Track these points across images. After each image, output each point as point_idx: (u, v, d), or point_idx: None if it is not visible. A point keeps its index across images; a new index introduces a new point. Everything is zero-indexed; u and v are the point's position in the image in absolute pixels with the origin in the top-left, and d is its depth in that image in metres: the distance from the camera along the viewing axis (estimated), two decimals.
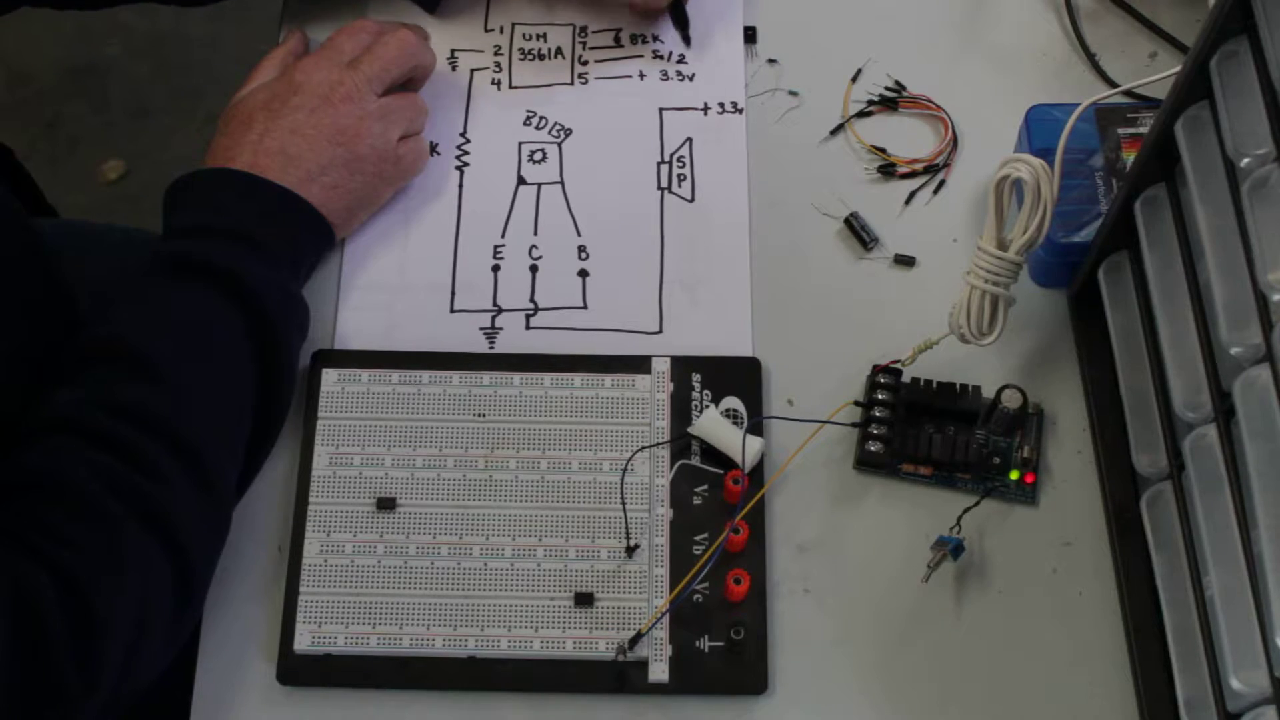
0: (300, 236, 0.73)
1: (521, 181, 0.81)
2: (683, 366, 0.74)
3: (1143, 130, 0.74)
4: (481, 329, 0.77)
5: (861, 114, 0.83)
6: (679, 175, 0.81)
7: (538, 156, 0.82)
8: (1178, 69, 0.61)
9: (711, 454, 0.72)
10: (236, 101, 0.77)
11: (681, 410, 0.73)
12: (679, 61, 0.85)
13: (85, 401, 0.64)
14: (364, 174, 0.75)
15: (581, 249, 0.79)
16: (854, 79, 0.84)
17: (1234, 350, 0.57)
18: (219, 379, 0.68)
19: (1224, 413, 0.59)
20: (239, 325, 0.68)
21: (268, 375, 0.69)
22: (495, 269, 0.78)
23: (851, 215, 0.79)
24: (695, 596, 0.69)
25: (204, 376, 0.67)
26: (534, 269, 0.78)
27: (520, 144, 0.82)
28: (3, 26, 1.72)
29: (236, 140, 0.74)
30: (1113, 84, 0.82)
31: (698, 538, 0.70)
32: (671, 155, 0.82)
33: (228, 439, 0.67)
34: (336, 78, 0.75)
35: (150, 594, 0.62)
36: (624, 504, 0.70)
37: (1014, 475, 0.71)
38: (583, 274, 0.78)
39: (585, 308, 0.77)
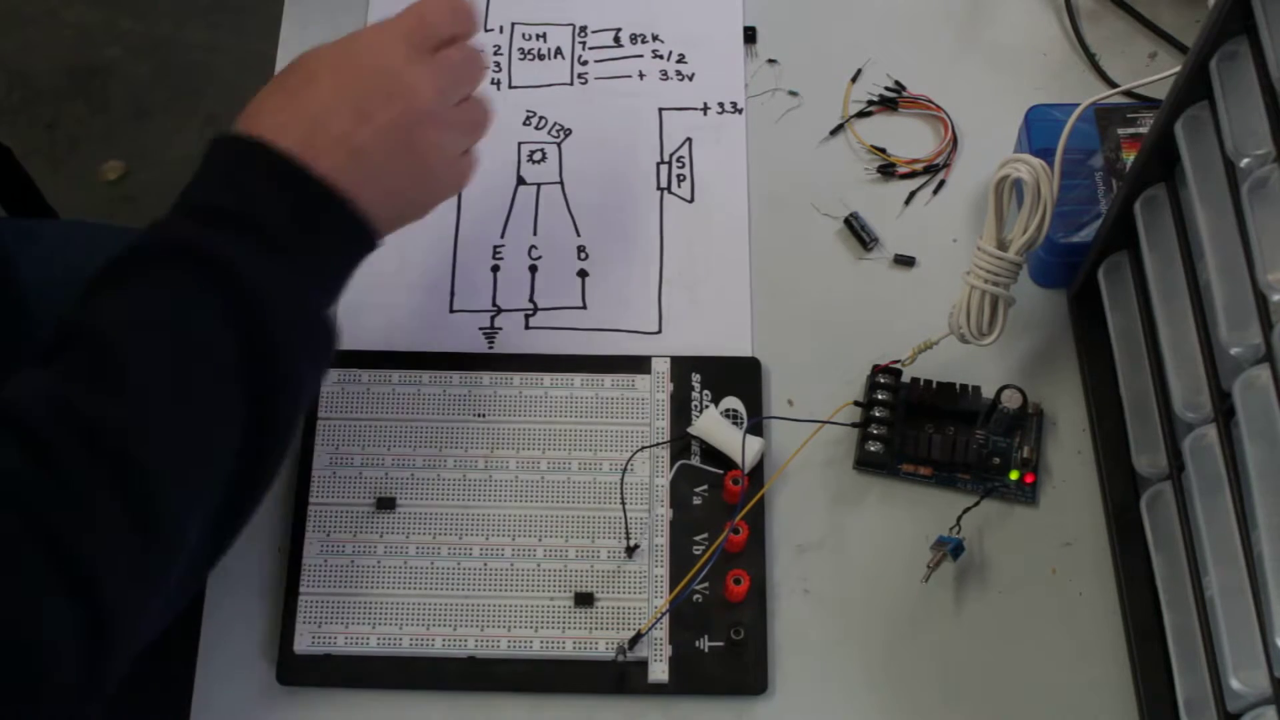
0: (341, 251, 0.62)
1: (521, 181, 0.81)
2: (682, 367, 0.74)
3: (1143, 130, 0.74)
4: (481, 329, 0.77)
5: (861, 114, 0.83)
6: (679, 175, 0.81)
7: (537, 156, 0.82)
8: (1178, 69, 0.61)
9: (711, 454, 0.72)
10: (303, 54, 0.63)
11: (681, 410, 0.73)
12: (679, 61, 0.85)
13: (38, 396, 0.52)
14: (421, 188, 0.65)
15: (581, 249, 0.79)
16: (854, 79, 0.84)
17: (1234, 350, 0.57)
18: (195, 404, 0.55)
19: (1224, 413, 0.59)
20: (230, 344, 0.55)
21: (260, 410, 0.56)
22: (495, 269, 0.78)
23: (851, 215, 0.79)
24: (695, 596, 0.69)
25: (179, 402, 0.54)
26: (533, 269, 0.78)
27: (520, 144, 0.82)
28: (2, 27, 1.72)
29: (296, 99, 0.60)
30: (1113, 84, 0.82)
31: (698, 538, 0.70)
32: (671, 155, 0.82)
33: (187, 474, 0.54)
34: (425, 70, 0.63)
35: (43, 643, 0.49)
36: (624, 504, 0.70)
37: (1014, 475, 0.71)
38: (582, 274, 0.78)
39: (585, 308, 0.77)
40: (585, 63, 0.85)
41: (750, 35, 0.85)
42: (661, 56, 0.85)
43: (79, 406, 0.52)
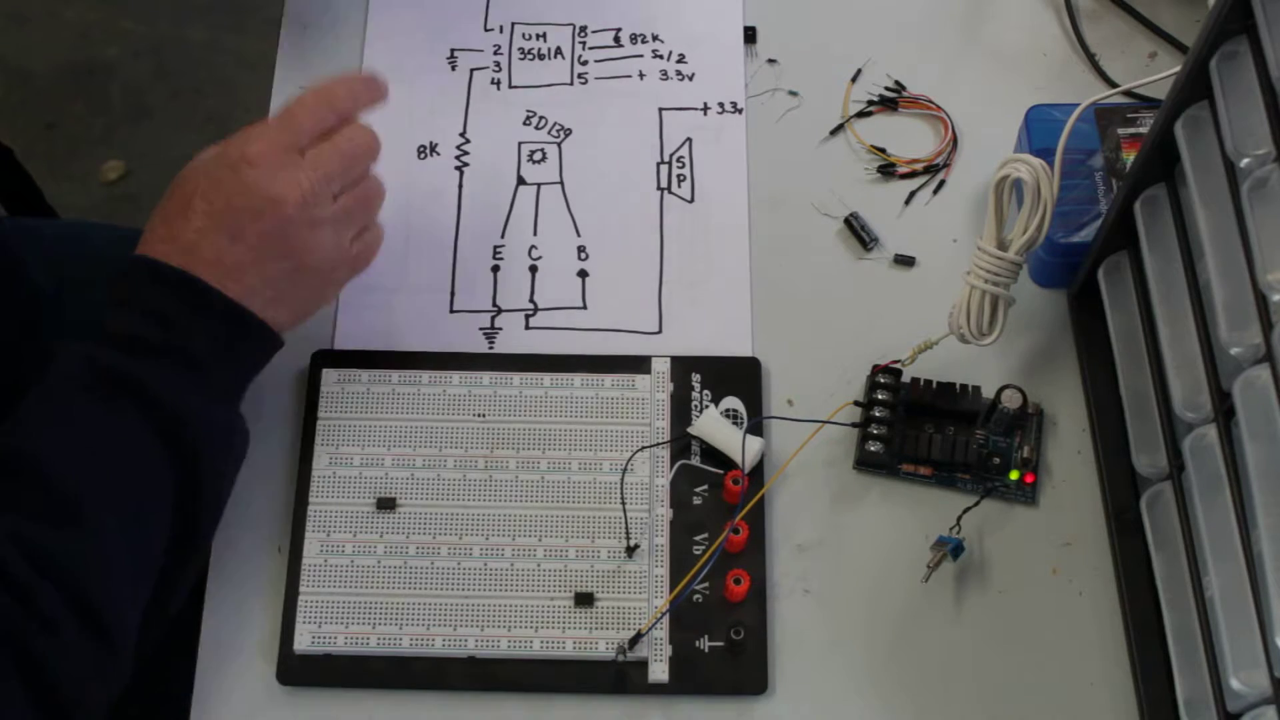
0: (249, 359, 0.67)
1: (521, 181, 0.81)
2: (682, 366, 0.74)
3: (1143, 130, 0.74)
4: (481, 329, 0.77)
5: (861, 114, 0.83)
6: (679, 175, 0.81)
7: (537, 156, 0.82)
8: (1178, 69, 0.61)
9: (711, 454, 0.72)
10: (187, 166, 0.67)
11: (681, 410, 0.73)
12: (679, 61, 0.85)
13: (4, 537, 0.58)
14: (310, 285, 0.68)
15: (581, 249, 0.79)
16: (854, 79, 0.84)
17: (1234, 350, 0.57)
18: (137, 526, 0.62)
19: (1224, 413, 0.59)
20: (168, 474, 0.62)
21: (185, 523, 0.63)
22: (495, 269, 0.78)
23: (851, 215, 0.79)
24: (695, 596, 0.69)
25: (122, 524, 0.61)
26: (533, 269, 0.78)
27: (520, 144, 0.82)
28: (2, 27, 1.72)
29: (173, 229, 0.65)
30: (1113, 84, 0.82)
31: (698, 538, 0.70)
32: (671, 155, 0.82)
33: (132, 587, 0.62)
34: (291, 176, 0.65)
35: None
36: (624, 504, 0.70)
37: (1014, 475, 0.71)
38: (582, 274, 0.78)
39: (585, 308, 0.77)
40: (585, 63, 0.85)
41: (750, 35, 0.85)
42: (661, 56, 0.85)
43: (56, 560, 0.58)
